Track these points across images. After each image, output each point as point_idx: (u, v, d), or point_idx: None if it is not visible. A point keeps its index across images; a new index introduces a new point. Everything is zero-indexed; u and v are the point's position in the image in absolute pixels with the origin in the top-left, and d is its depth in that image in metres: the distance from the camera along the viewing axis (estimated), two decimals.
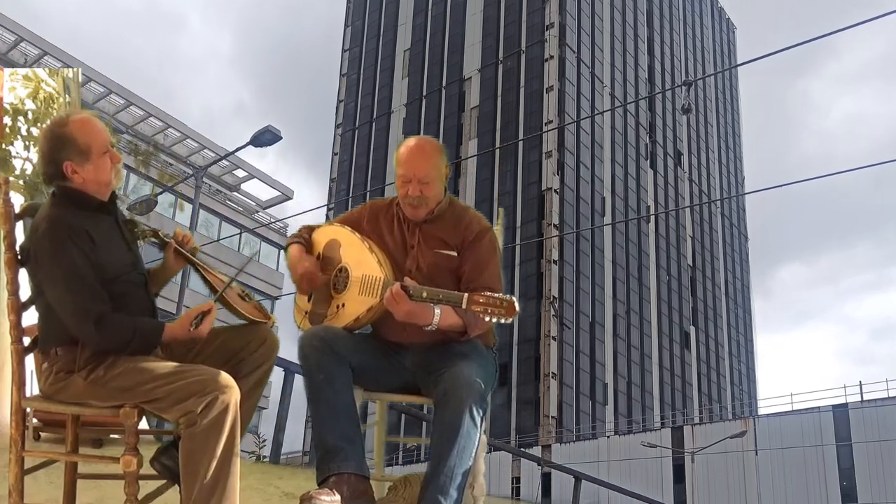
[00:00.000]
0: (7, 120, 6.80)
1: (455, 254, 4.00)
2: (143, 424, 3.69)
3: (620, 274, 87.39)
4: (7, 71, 7.01)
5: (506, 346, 77.21)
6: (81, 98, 7.88)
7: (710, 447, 51.69)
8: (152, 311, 3.70)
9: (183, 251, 3.88)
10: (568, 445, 67.41)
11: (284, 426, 9.45)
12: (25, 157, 6.80)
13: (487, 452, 3.81)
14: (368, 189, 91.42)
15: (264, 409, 59.70)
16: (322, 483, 3.53)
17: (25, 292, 3.50)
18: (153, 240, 3.96)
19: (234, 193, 66.62)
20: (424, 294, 3.58)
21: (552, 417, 73.62)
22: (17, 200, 3.67)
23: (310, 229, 4.29)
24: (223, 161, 51.35)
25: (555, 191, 79.41)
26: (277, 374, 8.76)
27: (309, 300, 4.15)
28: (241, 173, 66.25)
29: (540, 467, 54.40)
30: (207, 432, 3.20)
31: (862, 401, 57.88)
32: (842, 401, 59.36)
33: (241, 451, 3.48)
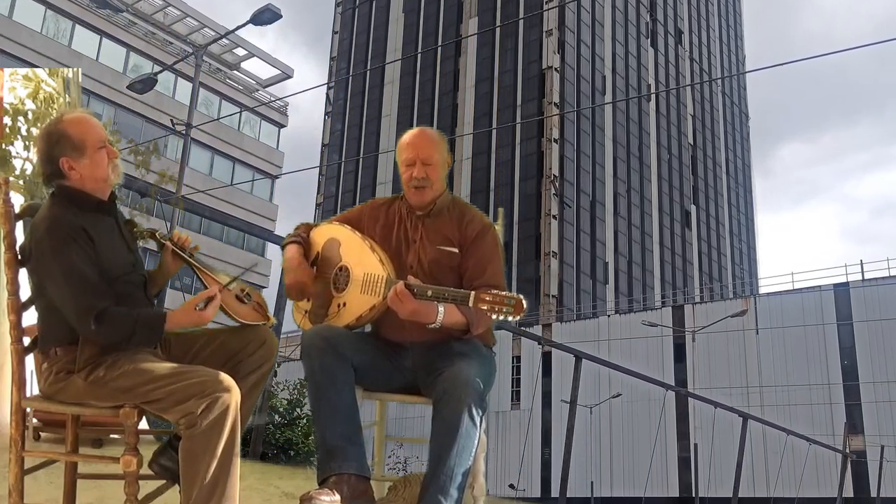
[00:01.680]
0: (7, 120, 6.80)
1: (457, 250, 3.99)
2: (143, 424, 3.73)
3: (621, 153, 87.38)
4: (7, 71, 7.01)
5: (506, 225, 77.40)
6: (81, 97, 7.77)
7: (711, 326, 51.96)
8: None
9: (181, 253, 3.85)
10: (568, 324, 67.90)
11: (284, 305, 9.44)
12: (25, 158, 6.84)
13: None
14: (368, 68, 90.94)
15: (264, 287, 60.15)
16: (322, 483, 3.54)
17: (25, 292, 3.49)
18: (151, 240, 3.86)
19: (234, 72, 66.21)
20: (429, 293, 3.56)
21: (553, 296, 74.14)
22: (17, 200, 3.69)
23: (308, 228, 4.27)
24: (223, 39, 50.93)
25: (555, 69, 79.07)
26: (278, 253, 9.00)
27: (308, 299, 4.13)
28: (240, 52, 65.72)
29: (540, 346, 55.04)
30: (208, 433, 3.20)
31: (863, 279, 58.21)
32: (843, 280, 59.76)
33: None
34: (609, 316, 68.97)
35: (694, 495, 41.73)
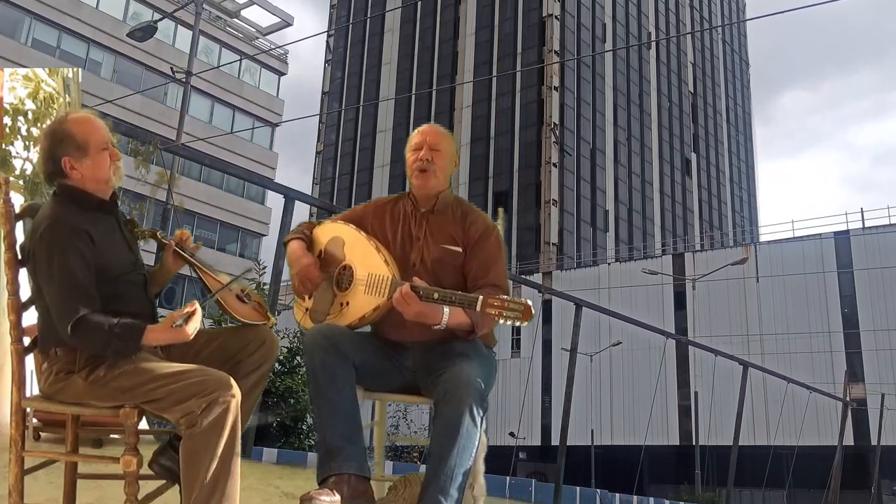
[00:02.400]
0: (7, 120, 6.78)
1: (460, 250, 3.98)
2: (144, 424, 3.70)
3: (621, 101, 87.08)
4: (7, 71, 6.99)
5: (506, 173, 77.43)
6: (81, 98, 7.77)
7: (712, 274, 51.96)
8: (152, 311, 3.68)
9: (182, 252, 3.86)
10: (569, 272, 67.88)
11: (284, 253, 9.45)
12: (25, 158, 6.82)
13: None
14: (368, 16, 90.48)
15: (265, 236, 60.27)
16: (322, 483, 3.55)
17: (25, 292, 3.49)
18: (152, 240, 3.85)
19: (234, 20, 65.91)
20: (436, 295, 3.54)
21: (553, 244, 74.08)
22: (17, 200, 3.67)
23: (311, 226, 4.28)
24: None
25: (555, 17, 78.76)
26: (278, 201, 9.10)
27: (310, 297, 4.12)
28: None
29: (540, 294, 54.61)
30: (208, 433, 3.19)
31: (863, 227, 58.09)
32: (843, 227, 59.60)
33: None
34: (609, 264, 68.96)
35: (694, 443, 41.83)
